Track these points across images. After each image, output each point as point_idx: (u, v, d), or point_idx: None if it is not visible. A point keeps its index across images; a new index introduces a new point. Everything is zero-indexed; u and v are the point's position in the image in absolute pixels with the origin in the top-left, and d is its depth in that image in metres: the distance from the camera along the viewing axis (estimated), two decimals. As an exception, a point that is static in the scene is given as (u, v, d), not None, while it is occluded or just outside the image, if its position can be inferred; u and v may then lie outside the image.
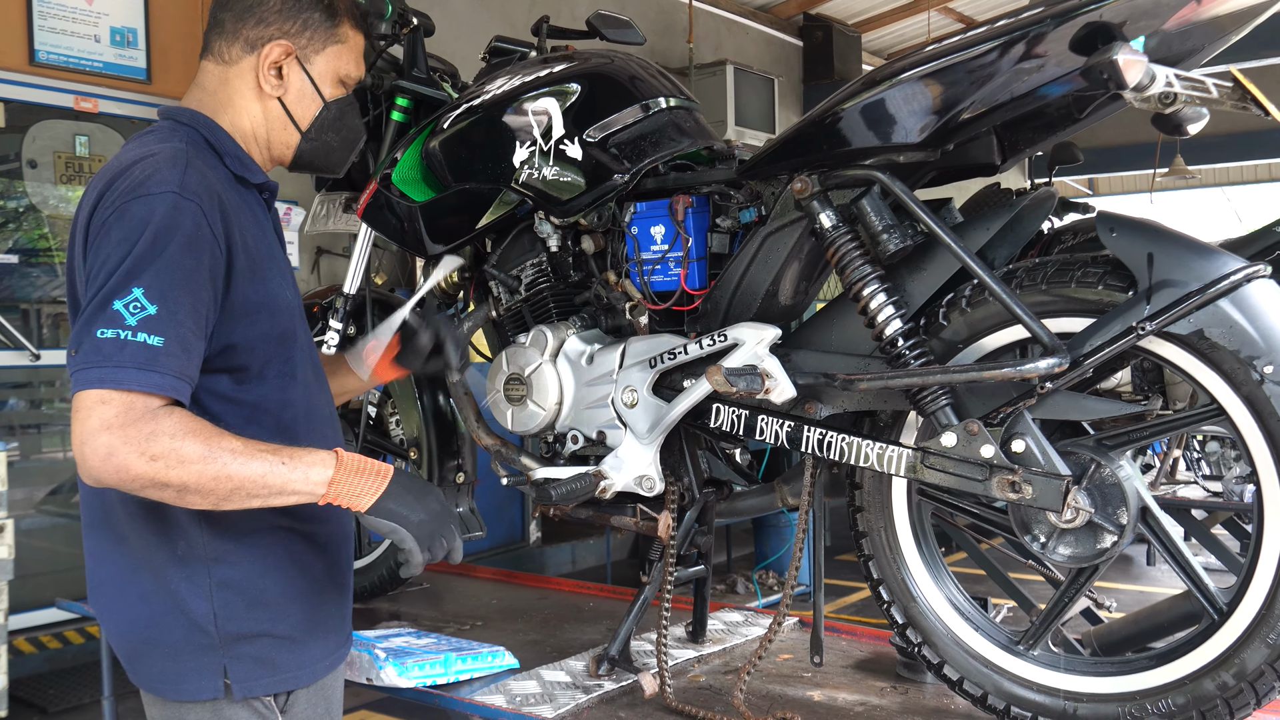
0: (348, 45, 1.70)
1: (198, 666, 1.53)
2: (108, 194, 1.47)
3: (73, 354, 1.39)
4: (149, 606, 1.54)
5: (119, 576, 1.56)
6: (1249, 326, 1.68)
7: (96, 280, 1.41)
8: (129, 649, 1.57)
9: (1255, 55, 7.09)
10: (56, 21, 4.73)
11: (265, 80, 1.64)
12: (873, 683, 2.33)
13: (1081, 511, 1.80)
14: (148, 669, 1.56)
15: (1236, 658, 1.73)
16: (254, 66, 1.64)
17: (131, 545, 1.55)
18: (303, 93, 1.67)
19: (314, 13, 1.65)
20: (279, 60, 1.64)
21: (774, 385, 2.01)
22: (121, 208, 1.44)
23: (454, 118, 2.40)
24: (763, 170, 2.09)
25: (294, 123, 1.68)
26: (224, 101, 1.65)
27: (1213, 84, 1.67)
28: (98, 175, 1.54)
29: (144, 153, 1.53)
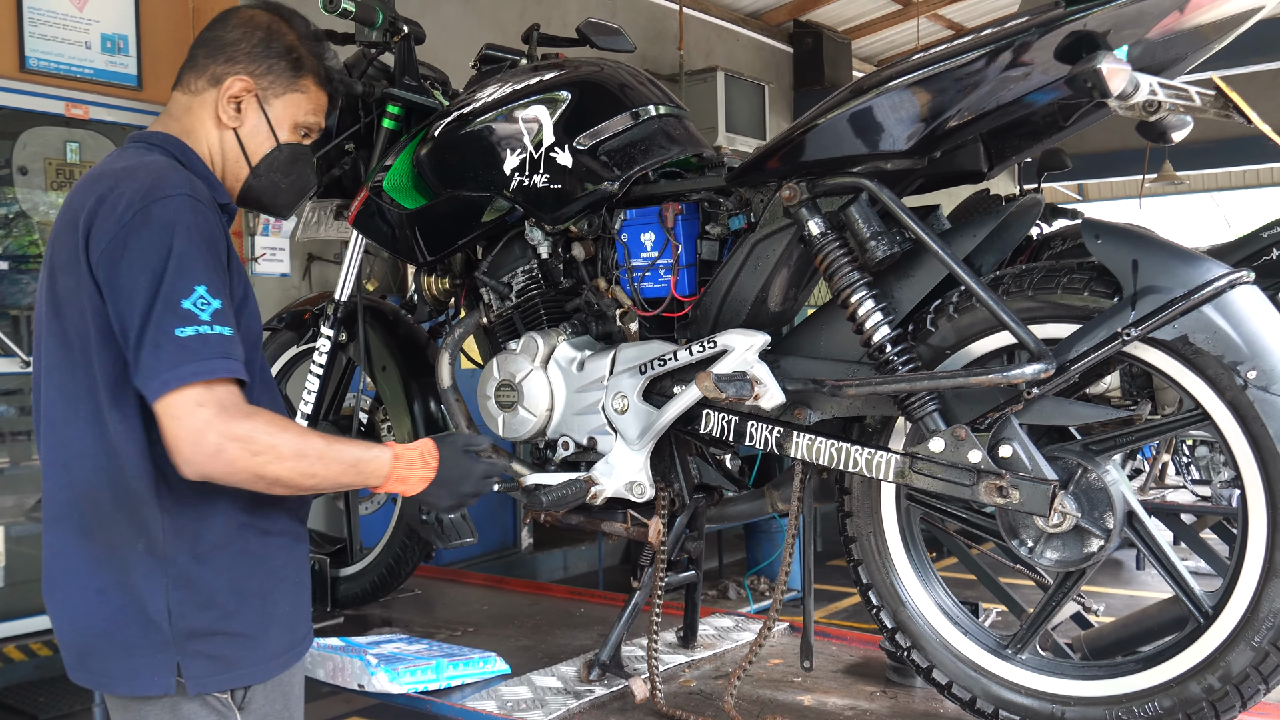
0: (308, 96, 1.80)
1: (151, 663, 1.57)
2: (110, 197, 1.54)
3: (150, 359, 1.47)
4: (107, 601, 1.58)
5: (78, 571, 1.60)
6: (1232, 332, 1.69)
7: (145, 284, 1.49)
8: (81, 644, 1.60)
9: (1237, 63, 7.13)
10: (47, 28, 4.73)
11: (223, 110, 1.73)
12: (862, 687, 2.34)
13: (1068, 516, 1.82)
14: (100, 664, 1.59)
15: (1222, 661, 1.74)
16: (215, 98, 1.73)
17: (95, 539, 1.59)
18: (257, 129, 1.76)
19: (280, 60, 1.76)
20: (239, 95, 1.73)
21: (763, 391, 2.02)
22: (143, 211, 1.52)
23: (445, 125, 2.41)
24: (752, 177, 2.11)
25: (245, 157, 1.76)
26: (187, 127, 1.74)
27: (1195, 92, 1.69)
28: (89, 182, 1.59)
29: (134, 162, 1.61)
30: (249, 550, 1.64)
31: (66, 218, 1.59)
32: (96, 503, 1.58)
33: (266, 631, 1.65)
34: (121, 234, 1.51)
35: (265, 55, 1.75)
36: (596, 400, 2.28)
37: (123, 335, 1.51)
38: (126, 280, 1.50)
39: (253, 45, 1.75)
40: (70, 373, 1.58)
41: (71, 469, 1.59)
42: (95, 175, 1.61)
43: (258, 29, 1.76)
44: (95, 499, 1.58)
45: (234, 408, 1.50)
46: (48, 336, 1.62)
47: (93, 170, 1.65)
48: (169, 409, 1.47)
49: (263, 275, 5.43)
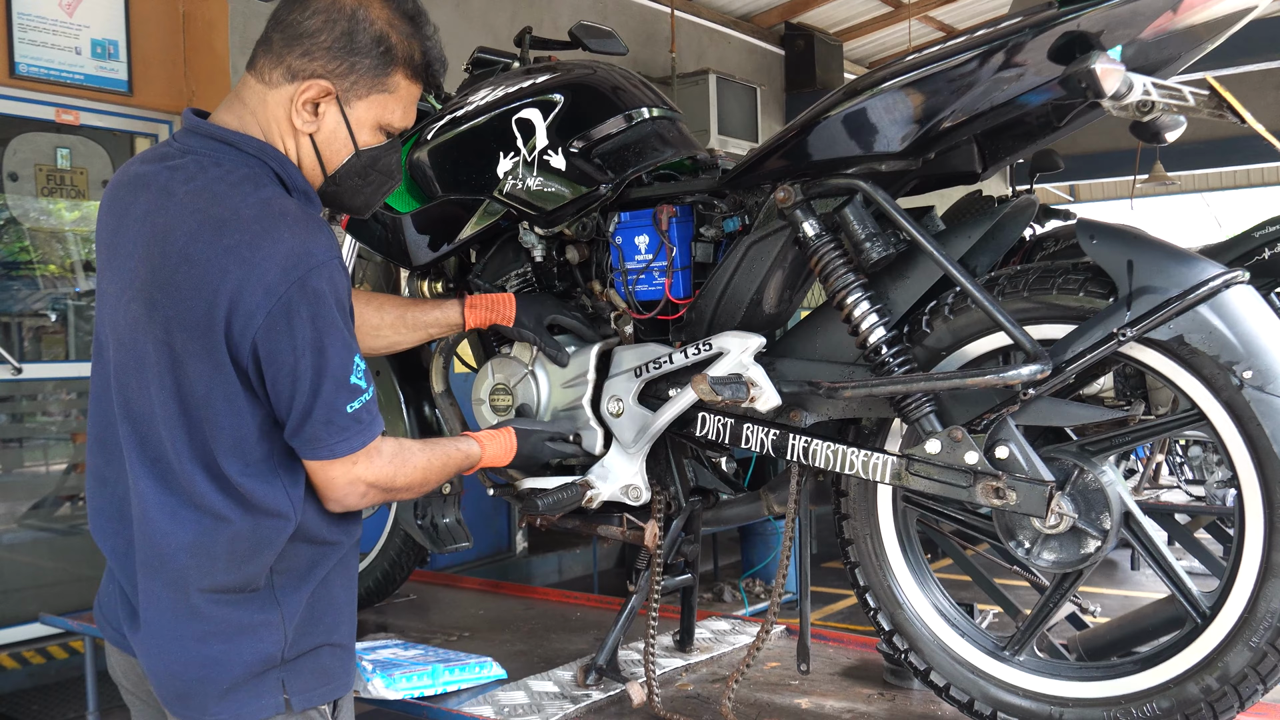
0: (396, 95, 1.62)
1: (257, 690, 1.54)
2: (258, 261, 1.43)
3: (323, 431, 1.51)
4: (207, 648, 1.52)
5: (172, 620, 1.52)
6: (1228, 332, 1.69)
7: (308, 360, 1.47)
8: (179, 689, 1.53)
9: (1226, 64, 7.15)
10: (37, 34, 4.71)
11: (298, 114, 1.56)
12: (860, 689, 2.33)
13: (1065, 517, 1.81)
14: (201, 704, 1.53)
15: (1220, 661, 1.74)
16: (290, 96, 1.56)
17: (191, 590, 1.51)
18: (335, 135, 1.59)
19: (365, 58, 1.56)
20: (315, 99, 1.56)
21: (759, 394, 2.01)
22: (300, 283, 1.44)
23: (438, 129, 2.40)
24: (746, 180, 2.10)
25: (321, 164, 1.61)
26: (265, 122, 1.57)
27: (1189, 92, 1.69)
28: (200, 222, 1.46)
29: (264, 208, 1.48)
30: (344, 563, 1.66)
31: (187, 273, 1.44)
32: (195, 556, 1.50)
33: (352, 639, 1.69)
34: (279, 308, 1.43)
35: (348, 52, 1.54)
36: (579, 395, 2.27)
37: (285, 405, 1.49)
38: (289, 357, 1.46)
39: (334, 38, 1.54)
40: (179, 426, 1.49)
41: (179, 517, 1.50)
42: (209, 215, 1.46)
43: (341, 17, 1.54)
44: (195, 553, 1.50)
45: (377, 456, 1.60)
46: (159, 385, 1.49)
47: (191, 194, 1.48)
48: (331, 470, 1.55)
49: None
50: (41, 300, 5.11)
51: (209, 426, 1.49)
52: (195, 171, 1.51)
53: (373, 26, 1.56)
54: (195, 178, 1.50)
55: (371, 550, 2.99)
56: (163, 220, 1.48)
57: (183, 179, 1.51)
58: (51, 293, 5.20)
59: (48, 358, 5.16)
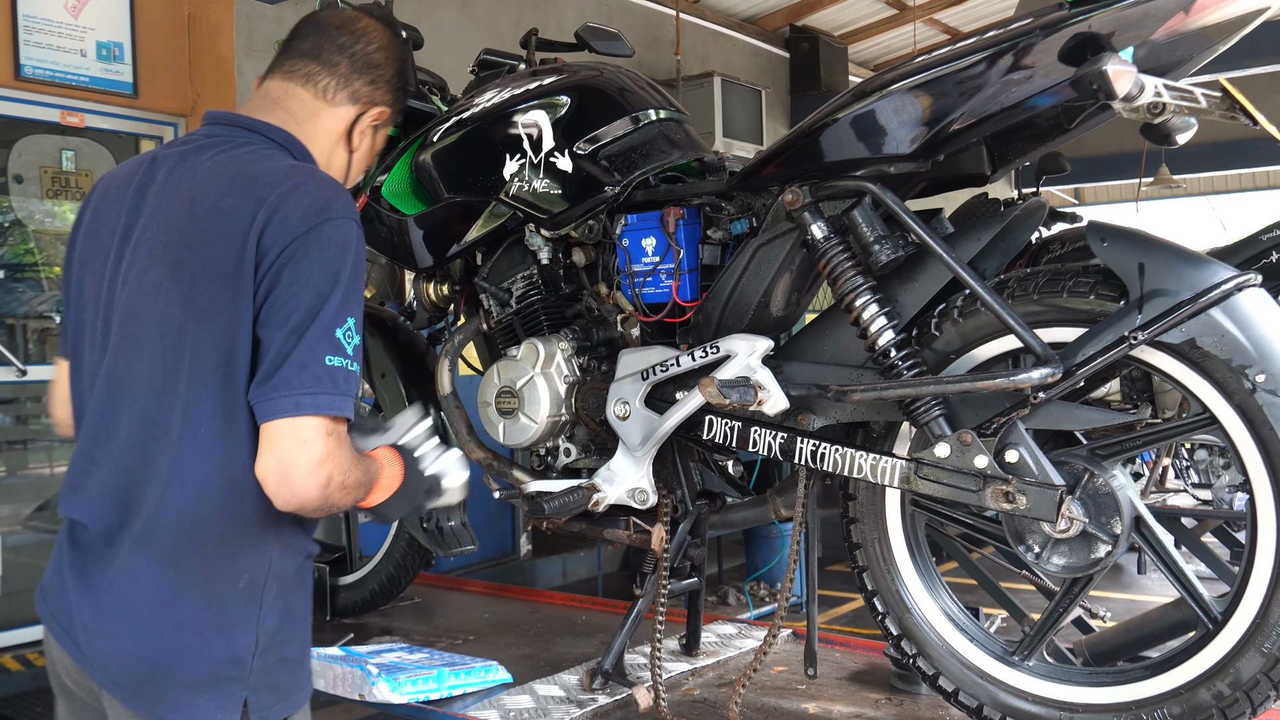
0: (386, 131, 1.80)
1: (217, 700, 1.50)
2: (282, 207, 1.47)
3: (294, 375, 1.42)
4: (182, 634, 1.49)
5: (154, 600, 1.49)
6: (1240, 335, 1.68)
7: (306, 301, 1.44)
8: (142, 673, 1.49)
9: (1234, 66, 7.14)
10: (42, 36, 4.71)
11: (360, 134, 1.70)
12: (867, 694, 2.32)
13: (1075, 521, 1.80)
14: (159, 694, 1.49)
15: (1232, 667, 1.73)
16: (351, 117, 1.68)
17: (184, 570, 1.49)
18: (366, 155, 1.75)
19: (403, 94, 1.76)
20: (376, 121, 1.71)
21: (767, 397, 2.00)
22: (319, 229, 1.46)
23: (443, 131, 2.40)
24: (754, 182, 2.09)
25: (347, 178, 1.74)
26: (311, 133, 1.65)
27: (1201, 94, 1.68)
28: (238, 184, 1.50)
29: (296, 169, 1.55)
30: (301, 574, 1.62)
31: (217, 225, 1.47)
32: (199, 532, 1.49)
33: (307, 653, 1.64)
34: (293, 247, 1.45)
35: (399, 89, 1.73)
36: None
37: (268, 345, 1.45)
38: (287, 295, 1.45)
39: (394, 73, 1.71)
40: (200, 390, 1.46)
41: (174, 491, 1.47)
42: (241, 174, 1.50)
43: (396, 57, 1.72)
44: (199, 528, 1.48)
45: (348, 447, 1.49)
46: (176, 346, 1.48)
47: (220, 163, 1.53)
48: (296, 430, 1.42)
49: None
50: (46, 302, 5.11)
51: (233, 384, 1.46)
52: (225, 146, 1.57)
53: (408, 71, 1.77)
54: (225, 150, 1.56)
55: (376, 553, 2.98)
56: (189, 186, 1.52)
57: (211, 153, 1.56)
58: (56, 295, 5.20)
59: (52, 359, 5.16)
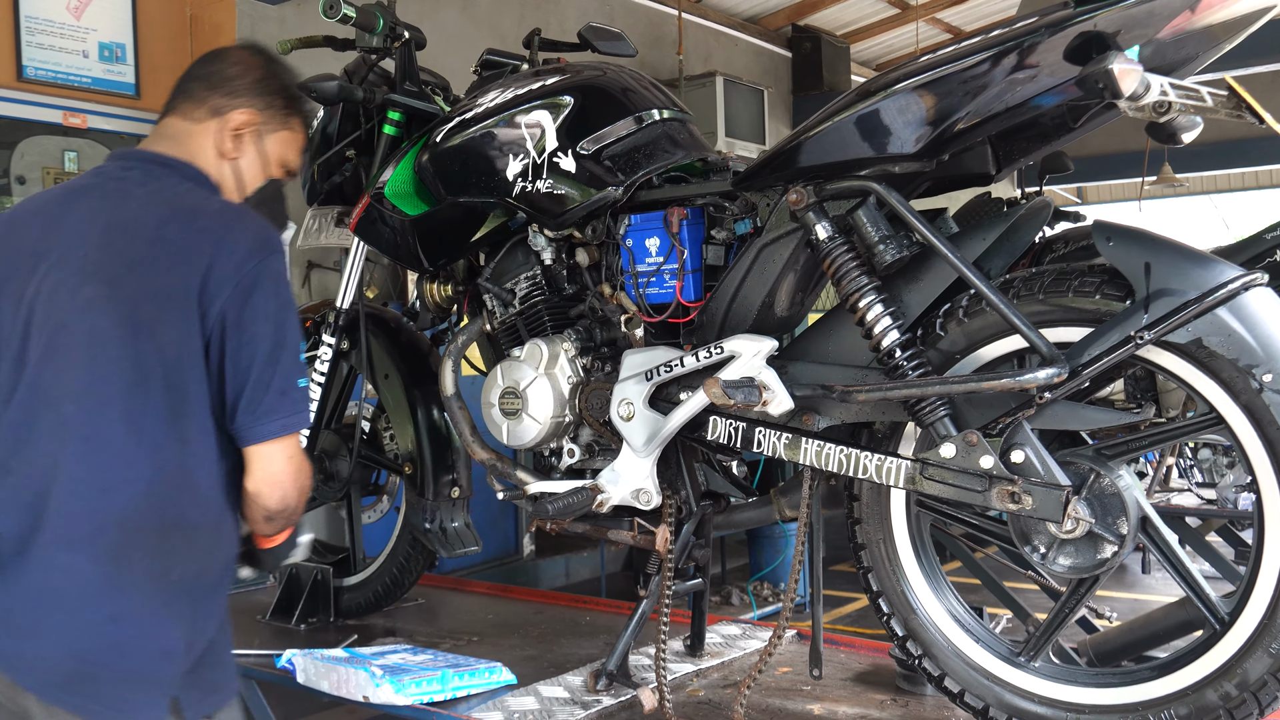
0: (295, 135, 1.89)
1: (149, 695, 1.58)
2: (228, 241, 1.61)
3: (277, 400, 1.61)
4: (118, 629, 1.55)
5: (89, 595, 1.55)
6: (1247, 335, 1.67)
7: (272, 332, 1.62)
8: (74, 670, 1.55)
9: (1243, 64, 7.12)
10: (44, 37, 4.71)
11: (225, 140, 1.79)
12: (873, 695, 2.31)
13: (1081, 522, 1.79)
14: (91, 690, 1.55)
15: (1239, 667, 1.72)
16: (217, 129, 1.79)
17: (123, 566, 1.54)
18: (253, 163, 1.83)
19: (277, 98, 1.84)
20: (241, 127, 1.79)
21: (771, 397, 2.00)
22: (264, 264, 1.63)
23: (446, 131, 2.39)
24: (758, 181, 2.09)
25: (240, 188, 1.83)
26: (191, 152, 1.78)
27: (1207, 92, 1.67)
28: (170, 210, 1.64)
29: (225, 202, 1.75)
30: (228, 572, 1.72)
31: (162, 250, 1.60)
32: (138, 529, 1.55)
33: (231, 649, 1.76)
34: (248, 279, 1.60)
35: (265, 92, 1.82)
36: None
37: (242, 376, 1.60)
38: (253, 325, 1.60)
39: (253, 80, 1.82)
40: (142, 398, 1.56)
41: (114, 492, 1.55)
42: (176, 205, 1.65)
43: (254, 67, 1.83)
44: (138, 525, 1.55)
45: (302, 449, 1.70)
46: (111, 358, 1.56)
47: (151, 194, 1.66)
48: (286, 449, 1.64)
49: (262, 283, 5.40)
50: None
51: (176, 392, 1.59)
52: (146, 180, 1.70)
53: (279, 79, 1.87)
54: (148, 184, 1.70)
55: (380, 555, 2.98)
56: (124, 214, 1.64)
57: (136, 184, 1.69)
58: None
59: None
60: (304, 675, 2.37)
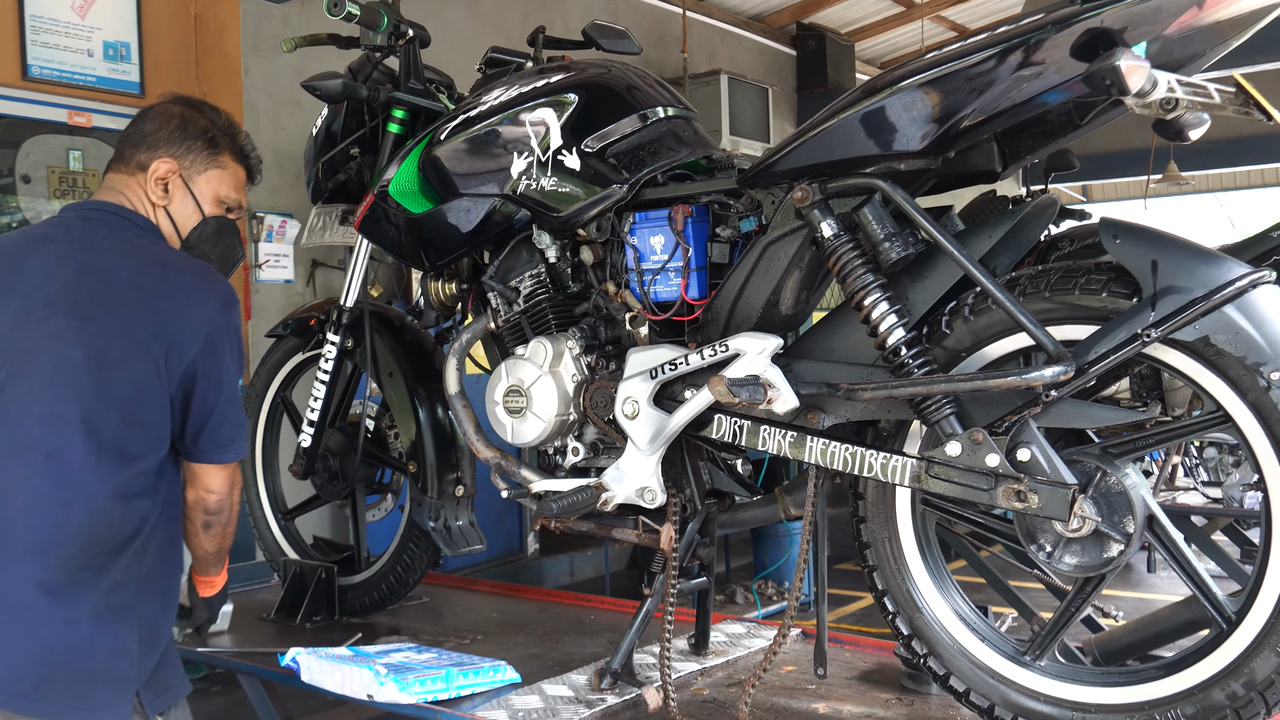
0: (227, 172, 2.04)
1: (112, 692, 1.71)
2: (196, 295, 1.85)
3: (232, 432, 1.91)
4: (75, 632, 1.68)
5: (48, 602, 1.67)
6: (1255, 332, 1.67)
7: (223, 375, 1.87)
8: (37, 675, 1.66)
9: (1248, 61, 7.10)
10: (49, 36, 4.72)
11: (152, 191, 1.96)
12: (877, 694, 2.31)
13: (1088, 520, 1.79)
14: (56, 693, 1.66)
15: (1246, 667, 1.71)
16: (144, 181, 1.96)
17: (82, 573, 1.69)
18: (184, 205, 2.00)
19: (196, 141, 2.00)
20: (165, 176, 1.96)
21: (776, 395, 1.99)
22: (225, 312, 1.87)
23: (451, 129, 2.39)
24: (763, 179, 2.08)
25: (177, 231, 2.00)
26: (134, 201, 1.96)
27: (1215, 89, 1.67)
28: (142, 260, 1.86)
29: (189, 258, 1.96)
30: (173, 578, 1.92)
31: (134, 297, 1.79)
32: (93, 541, 1.72)
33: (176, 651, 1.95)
34: (217, 332, 1.85)
35: (183, 138, 1.99)
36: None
37: (206, 412, 1.85)
38: (217, 373, 1.86)
39: (170, 131, 1.98)
40: (100, 424, 1.74)
41: (74, 506, 1.71)
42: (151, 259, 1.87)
43: (172, 118, 2.00)
44: (94, 538, 1.72)
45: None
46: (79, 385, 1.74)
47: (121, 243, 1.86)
48: (232, 471, 1.95)
49: (266, 282, 5.42)
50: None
51: (133, 422, 1.77)
52: (109, 231, 1.88)
53: (198, 122, 2.02)
54: (113, 235, 1.88)
55: (384, 553, 2.98)
56: (97, 261, 1.82)
57: (101, 234, 1.87)
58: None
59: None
60: (308, 674, 2.37)
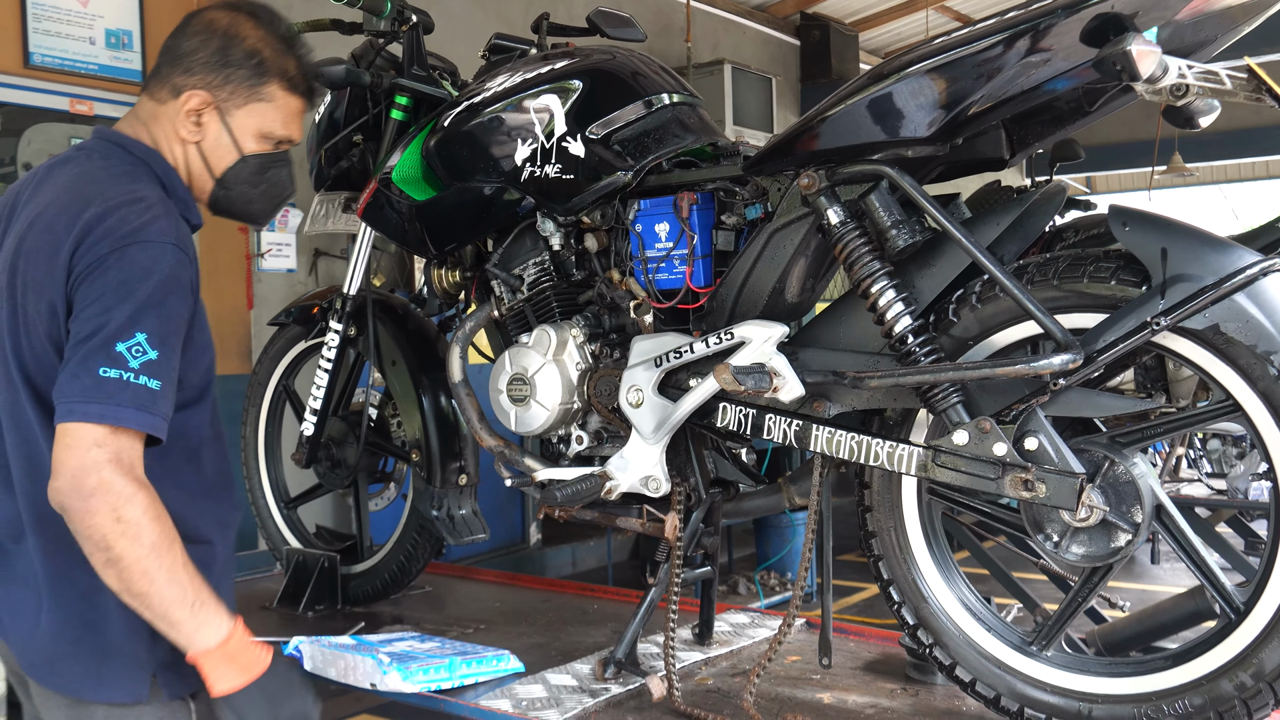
0: (274, 105, 1.75)
1: (125, 669, 1.59)
2: (98, 229, 1.54)
3: (67, 384, 1.48)
4: (90, 605, 1.57)
5: (56, 576, 1.58)
6: (1265, 321, 1.65)
7: (92, 317, 1.50)
8: (53, 649, 1.58)
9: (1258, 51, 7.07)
10: (51, 24, 4.70)
11: (181, 125, 1.71)
12: (883, 684, 2.30)
13: (1096, 510, 1.78)
14: (68, 670, 1.59)
15: (1254, 658, 1.70)
16: (176, 112, 1.71)
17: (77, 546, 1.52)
18: (219, 142, 1.74)
19: (239, 69, 1.71)
20: (197, 109, 1.71)
21: (782, 384, 1.98)
22: (121, 251, 1.52)
23: (455, 116, 2.37)
24: (769, 166, 2.07)
25: (209, 170, 1.75)
26: (157, 135, 1.73)
27: (1226, 75, 1.65)
28: (74, 200, 1.58)
29: (128, 194, 1.59)
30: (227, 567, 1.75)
31: (46, 239, 1.56)
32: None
33: None
34: (95, 264, 1.52)
35: (223, 65, 1.70)
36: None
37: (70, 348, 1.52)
38: (80, 308, 1.52)
39: (210, 54, 1.70)
40: (42, 385, 1.56)
41: (43, 479, 1.51)
42: (82, 196, 1.58)
43: (215, 35, 1.71)
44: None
45: (129, 464, 1.47)
46: (15, 348, 1.59)
47: (72, 179, 1.62)
48: (64, 435, 1.46)
49: (269, 271, 5.41)
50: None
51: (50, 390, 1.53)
52: (83, 161, 1.67)
53: (245, 42, 1.72)
54: (80, 165, 1.66)
55: (387, 542, 2.97)
56: (40, 200, 1.62)
57: (70, 167, 1.66)
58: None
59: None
60: (311, 663, 2.36)
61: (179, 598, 1.48)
